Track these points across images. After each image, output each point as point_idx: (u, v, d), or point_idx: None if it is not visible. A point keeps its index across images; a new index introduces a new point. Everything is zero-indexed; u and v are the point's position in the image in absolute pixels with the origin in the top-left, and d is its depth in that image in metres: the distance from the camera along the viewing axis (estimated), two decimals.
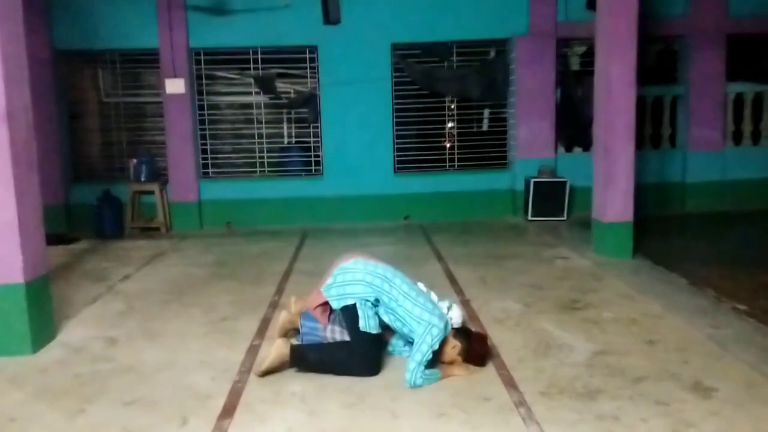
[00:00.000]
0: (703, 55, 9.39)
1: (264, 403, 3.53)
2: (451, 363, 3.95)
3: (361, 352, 3.87)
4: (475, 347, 3.94)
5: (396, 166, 9.57)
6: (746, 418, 3.22)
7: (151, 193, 9.02)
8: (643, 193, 7.28)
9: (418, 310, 3.86)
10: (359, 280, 3.98)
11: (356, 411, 3.42)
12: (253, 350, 4.29)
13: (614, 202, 6.56)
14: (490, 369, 3.93)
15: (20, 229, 4.28)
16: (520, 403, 3.45)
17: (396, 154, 9.56)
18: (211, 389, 3.74)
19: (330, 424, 3.28)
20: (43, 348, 4.47)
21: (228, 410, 3.46)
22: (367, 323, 3.89)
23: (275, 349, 3.83)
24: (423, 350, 3.72)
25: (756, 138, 9.80)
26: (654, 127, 9.72)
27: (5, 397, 3.72)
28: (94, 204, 8.73)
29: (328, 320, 4.13)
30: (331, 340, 4.04)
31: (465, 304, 5.26)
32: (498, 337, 4.47)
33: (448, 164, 9.73)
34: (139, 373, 4.02)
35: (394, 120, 9.48)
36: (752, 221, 8.65)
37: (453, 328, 4.00)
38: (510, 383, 3.71)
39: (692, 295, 5.34)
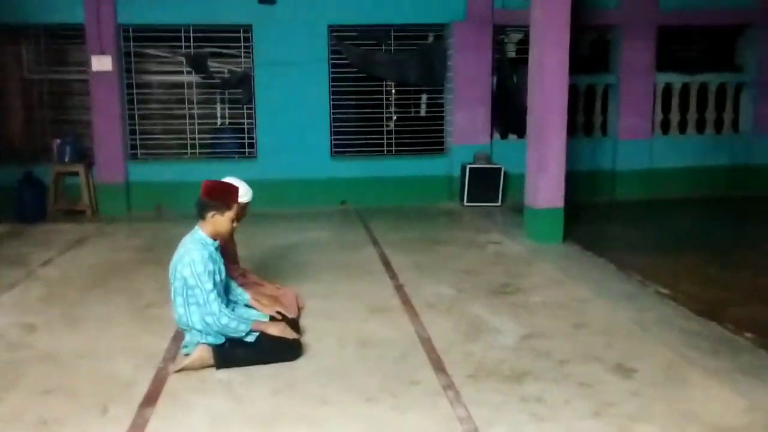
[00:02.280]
0: (634, 46, 9.61)
1: (189, 391, 3.44)
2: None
3: (275, 341, 3.76)
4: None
5: (333, 149, 9.48)
6: (664, 397, 3.33)
7: (76, 174, 8.65)
8: (574, 181, 7.42)
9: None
10: (189, 321, 3.74)
11: (284, 397, 3.38)
12: (178, 337, 4.16)
13: (546, 188, 6.67)
14: (419, 353, 3.93)
15: None
16: (449, 386, 3.47)
17: (333, 137, 9.46)
18: (134, 377, 3.62)
19: (257, 412, 3.23)
20: None
21: (151, 398, 3.36)
22: (237, 326, 3.68)
23: (197, 353, 3.66)
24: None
25: (683, 127, 10.11)
26: (586, 115, 9.92)
27: None
28: (15, 186, 8.32)
29: None
30: None
31: (398, 289, 5.26)
32: (430, 321, 4.48)
33: (385, 149, 9.70)
34: (58, 361, 3.87)
35: (331, 103, 9.38)
36: (678, 208, 8.95)
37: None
38: (439, 367, 3.72)
39: (619, 280, 5.49)
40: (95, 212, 8.79)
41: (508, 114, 9.51)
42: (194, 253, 3.66)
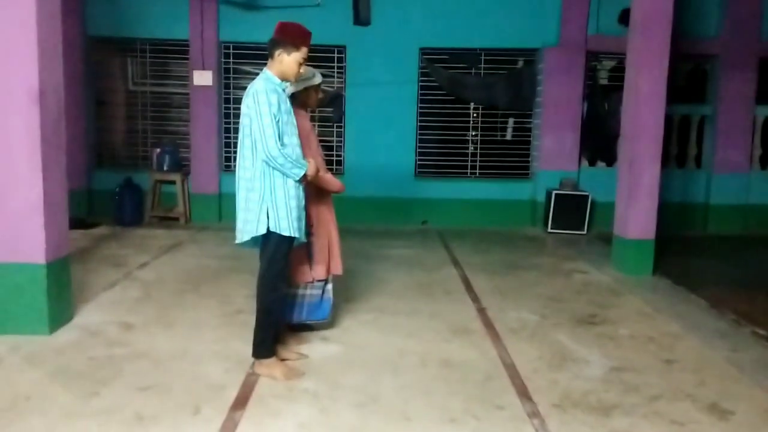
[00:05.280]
0: (733, 77, 9.28)
1: (276, 398, 3.53)
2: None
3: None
4: None
5: (417, 170, 9.56)
6: None
7: (173, 183, 9.07)
8: (665, 212, 7.19)
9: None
10: (252, 167, 3.87)
11: (368, 411, 3.41)
12: None
13: (637, 218, 6.50)
14: (503, 378, 3.89)
15: (45, 210, 4.32)
16: (534, 414, 3.42)
17: (418, 158, 9.55)
18: (224, 380, 3.74)
19: (342, 423, 3.27)
20: (60, 329, 4.51)
21: (240, 402, 3.46)
22: (292, 167, 3.80)
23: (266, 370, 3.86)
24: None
25: None
26: (680, 147, 9.63)
27: (21, 375, 3.75)
28: (116, 191, 8.79)
29: None
30: None
31: (480, 311, 5.23)
32: (513, 347, 4.43)
33: (469, 171, 9.71)
34: (153, 360, 4.04)
35: (418, 124, 9.48)
36: None
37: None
38: (524, 393, 3.68)
39: (711, 317, 5.28)
40: (188, 220, 9.17)
41: (598, 141, 9.36)
42: (258, 84, 3.72)
